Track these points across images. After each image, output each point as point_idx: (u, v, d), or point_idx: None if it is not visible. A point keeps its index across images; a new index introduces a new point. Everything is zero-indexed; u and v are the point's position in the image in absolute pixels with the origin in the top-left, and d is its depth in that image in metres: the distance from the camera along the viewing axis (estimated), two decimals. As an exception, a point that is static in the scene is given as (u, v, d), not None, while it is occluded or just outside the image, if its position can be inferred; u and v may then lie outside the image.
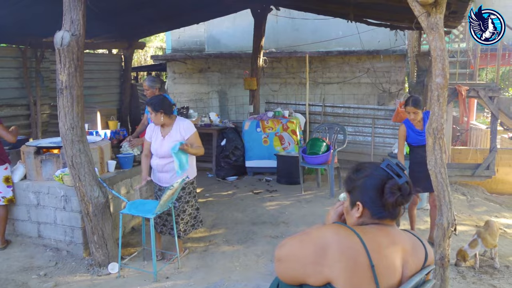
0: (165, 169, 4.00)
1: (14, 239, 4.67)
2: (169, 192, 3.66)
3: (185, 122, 4.10)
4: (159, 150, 3.97)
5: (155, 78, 5.30)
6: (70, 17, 3.79)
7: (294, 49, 10.09)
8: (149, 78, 5.28)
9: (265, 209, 5.76)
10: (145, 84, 5.16)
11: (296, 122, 7.52)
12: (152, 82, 5.13)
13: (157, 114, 3.92)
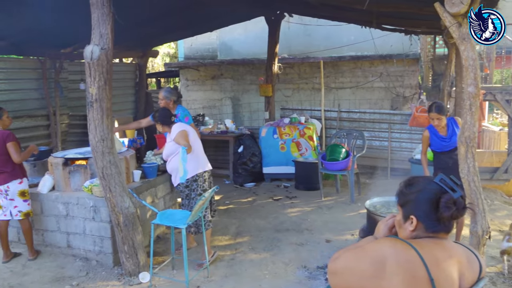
0: (169, 170, 4.53)
1: (44, 249, 4.74)
2: (200, 203, 3.71)
3: (174, 126, 4.39)
4: (163, 153, 4.54)
5: (172, 90, 5.28)
6: (99, 32, 3.86)
7: (307, 55, 10.14)
8: (166, 89, 5.29)
9: (287, 215, 5.80)
10: (161, 94, 5.18)
11: (313, 128, 7.56)
12: (168, 93, 5.15)
13: (157, 124, 4.45)
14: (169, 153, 4.38)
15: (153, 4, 5.94)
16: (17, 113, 6.77)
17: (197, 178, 4.31)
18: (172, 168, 4.44)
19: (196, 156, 4.34)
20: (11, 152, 4.37)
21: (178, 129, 4.30)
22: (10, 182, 4.42)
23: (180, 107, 5.26)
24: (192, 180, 4.30)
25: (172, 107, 5.13)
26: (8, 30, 6.16)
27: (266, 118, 8.49)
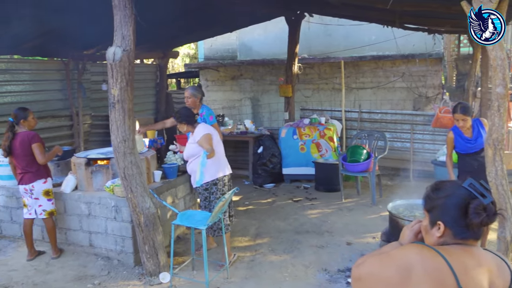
0: (189, 171, 4.49)
1: (67, 248, 4.82)
2: (221, 204, 3.71)
3: (199, 127, 4.33)
4: (184, 153, 4.48)
5: (198, 88, 5.34)
6: (121, 33, 3.89)
7: (327, 55, 10.05)
8: (192, 87, 5.32)
9: (307, 217, 5.75)
10: (188, 92, 5.15)
11: (333, 129, 7.48)
12: (195, 91, 5.16)
13: (181, 124, 4.33)
14: (190, 155, 4.36)
15: (173, 5, 5.98)
16: (41, 114, 6.90)
17: (217, 182, 4.29)
18: (192, 169, 4.42)
19: (218, 160, 4.31)
20: (36, 153, 4.45)
21: (203, 131, 4.24)
22: (34, 181, 4.51)
23: (204, 106, 5.25)
24: (212, 183, 4.28)
25: (198, 105, 5.15)
26: (33, 33, 6.28)
27: (286, 118, 8.45)
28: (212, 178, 4.26)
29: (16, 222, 5.16)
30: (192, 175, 4.46)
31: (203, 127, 4.34)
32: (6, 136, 4.46)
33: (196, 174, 4.25)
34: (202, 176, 4.17)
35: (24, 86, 6.91)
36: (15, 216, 5.17)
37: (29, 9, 5.18)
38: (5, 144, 4.44)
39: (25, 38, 6.47)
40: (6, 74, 6.61)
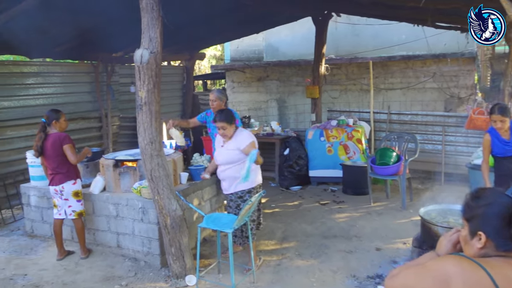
0: (224, 176, 4.20)
1: (95, 248, 4.89)
2: (247, 207, 3.66)
3: (243, 132, 4.19)
4: (218, 157, 4.20)
5: (223, 91, 5.35)
6: (149, 35, 3.90)
7: (355, 55, 9.87)
8: (218, 90, 5.33)
9: (334, 221, 5.64)
10: (214, 95, 5.14)
11: (361, 131, 7.33)
12: (220, 94, 5.17)
13: (231, 126, 4.08)
14: (228, 161, 4.10)
15: (200, 7, 6.00)
16: (72, 116, 7.04)
17: (252, 190, 4.13)
18: (228, 176, 4.15)
19: (257, 168, 4.20)
20: (68, 154, 4.52)
21: (249, 138, 4.09)
22: (64, 182, 4.58)
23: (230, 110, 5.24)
24: (247, 191, 4.11)
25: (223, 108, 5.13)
26: (65, 36, 6.42)
27: (313, 120, 8.34)
28: (248, 187, 4.11)
29: (46, 222, 5.28)
30: (227, 181, 4.19)
31: (248, 133, 4.18)
32: (39, 137, 4.56)
33: (235, 181, 4.06)
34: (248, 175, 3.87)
35: (56, 89, 7.07)
36: (46, 216, 5.28)
37: (61, 13, 5.29)
38: (37, 144, 4.53)
39: (57, 41, 6.62)
40: (39, 77, 6.78)
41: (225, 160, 4.12)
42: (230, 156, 4.09)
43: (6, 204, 6.23)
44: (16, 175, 6.27)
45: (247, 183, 4.05)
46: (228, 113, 4.15)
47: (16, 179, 6.25)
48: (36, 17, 5.12)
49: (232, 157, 4.07)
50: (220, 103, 5.08)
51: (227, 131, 4.06)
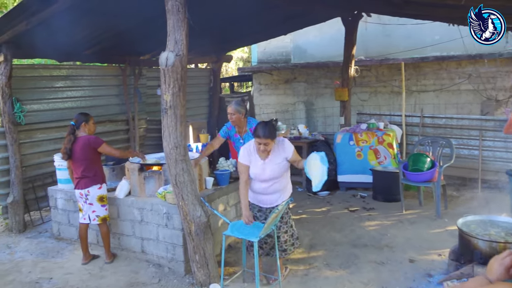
0: (270, 191, 3.86)
1: (120, 253, 4.85)
2: (274, 215, 3.52)
3: (284, 141, 3.91)
4: (262, 174, 3.78)
5: (241, 103, 5.01)
6: (174, 38, 3.82)
7: (385, 56, 9.57)
8: (236, 102, 4.97)
9: (364, 229, 5.42)
10: (232, 108, 4.83)
11: (393, 135, 7.07)
12: (239, 107, 4.86)
13: (271, 140, 3.70)
14: (279, 175, 3.82)
15: (227, 8, 5.90)
16: (99, 118, 7.08)
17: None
18: (276, 190, 3.87)
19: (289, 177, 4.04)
20: (109, 151, 4.63)
21: (291, 145, 3.85)
22: (90, 187, 4.57)
23: (251, 120, 4.99)
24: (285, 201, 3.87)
25: (243, 122, 4.88)
26: (93, 40, 6.46)
27: (342, 123, 8.12)
28: (287, 197, 3.94)
29: (73, 225, 5.29)
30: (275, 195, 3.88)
31: (287, 141, 3.91)
32: (68, 139, 4.56)
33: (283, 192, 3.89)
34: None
35: (84, 92, 7.12)
36: (72, 219, 5.30)
37: (90, 16, 5.31)
38: (66, 147, 4.53)
39: (86, 45, 6.68)
40: (68, 80, 6.84)
41: (275, 175, 3.80)
42: (280, 169, 3.79)
43: (35, 206, 6.30)
44: (45, 177, 6.34)
45: (288, 193, 3.93)
46: (272, 128, 3.74)
47: (45, 181, 6.32)
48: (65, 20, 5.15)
49: (282, 170, 3.81)
50: (239, 116, 4.83)
51: (269, 146, 3.70)
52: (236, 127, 4.96)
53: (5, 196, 5.92)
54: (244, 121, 4.88)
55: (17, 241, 5.50)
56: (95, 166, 4.62)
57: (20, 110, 5.84)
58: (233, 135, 5.04)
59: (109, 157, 5.93)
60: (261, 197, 3.93)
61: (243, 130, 4.94)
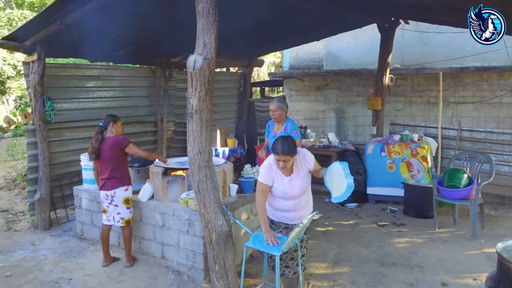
0: (300, 207, 3.65)
1: (140, 257, 4.80)
2: (298, 230, 3.36)
3: (305, 153, 3.65)
4: (291, 191, 3.55)
5: (283, 100, 5.10)
6: (203, 41, 3.75)
7: (422, 65, 9.23)
8: (278, 99, 5.10)
9: (393, 246, 5.17)
10: (274, 105, 4.96)
11: (427, 148, 6.76)
12: (282, 104, 4.99)
13: (292, 157, 3.48)
14: (306, 188, 3.66)
15: (259, 12, 5.80)
16: (128, 119, 7.11)
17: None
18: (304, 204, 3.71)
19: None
20: (136, 151, 4.60)
21: (311, 154, 3.64)
22: (117, 188, 4.54)
23: (289, 120, 5.06)
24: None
25: (284, 119, 4.98)
26: (125, 41, 6.50)
27: (373, 133, 7.86)
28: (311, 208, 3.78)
29: (96, 225, 5.29)
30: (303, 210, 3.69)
31: (307, 152, 3.65)
32: (95, 139, 4.56)
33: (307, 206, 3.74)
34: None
35: (114, 92, 7.17)
36: (95, 219, 5.30)
37: (123, 17, 5.32)
38: (94, 147, 4.53)
39: (117, 45, 6.71)
40: (99, 80, 6.91)
41: (303, 190, 3.61)
42: (305, 182, 3.60)
43: (61, 204, 6.37)
44: (72, 176, 6.40)
45: (311, 203, 3.81)
46: (291, 143, 3.45)
47: (72, 179, 6.38)
48: (98, 20, 5.18)
49: (307, 182, 3.63)
50: (281, 113, 4.95)
51: (289, 163, 3.47)
52: (276, 124, 5.07)
53: (33, 193, 6.01)
54: (284, 119, 4.98)
55: (42, 239, 5.55)
56: (122, 167, 4.60)
57: (51, 109, 5.93)
58: (270, 132, 5.13)
59: (134, 159, 5.94)
60: (290, 214, 3.68)
61: (281, 127, 5.01)
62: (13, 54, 12.42)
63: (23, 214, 6.64)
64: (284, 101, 5.04)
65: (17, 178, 8.03)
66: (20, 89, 14.71)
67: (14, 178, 8.05)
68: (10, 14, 12.89)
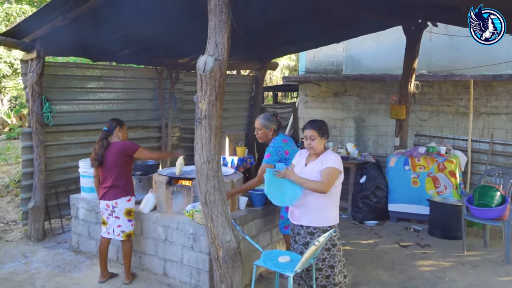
0: (299, 204, 3.77)
1: (140, 273, 4.80)
2: (313, 248, 3.34)
3: (332, 154, 3.76)
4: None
5: (271, 117, 4.75)
6: (215, 41, 3.77)
7: (451, 72, 9.17)
8: (264, 116, 4.75)
9: (417, 269, 5.11)
10: (258, 122, 4.68)
11: (456, 162, 6.71)
12: (266, 121, 4.66)
13: (321, 138, 3.74)
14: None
15: (275, 12, 5.83)
16: (131, 123, 7.13)
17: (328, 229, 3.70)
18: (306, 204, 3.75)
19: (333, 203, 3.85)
20: (148, 155, 4.75)
21: (335, 162, 3.70)
22: (119, 198, 4.54)
23: (278, 140, 4.64)
24: (323, 230, 3.71)
25: (270, 138, 4.67)
26: (131, 40, 6.56)
27: (396, 145, 7.82)
28: (330, 224, 3.76)
29: (93, 238, 5.31)
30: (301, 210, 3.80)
31: (336, 157, 3.73)
32: (100, 144, 4.57)
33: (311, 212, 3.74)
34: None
35: (117, 94, 7.23)
36: (93, 231, 5.32)
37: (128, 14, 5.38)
38: (98, 153, 4.53)
39: (122, 45, 6.78)
40: (101, 81, 6.97)
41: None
42: (312, 178, 3.66)
43: (57, 213, 6.41)
44: (69, 184, 6.45)
45: (329, 219, 3.73)
46: (322, 123, 3.84)
47: (69, 187, 6.43)
48: (102, 17, 5.25)
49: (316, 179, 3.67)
50: (266, 131, 4.65)
51: (316, 143, 3.68)
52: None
53: (26, 200, 6.05)
54: (271, 138, 4.67)
55: (34, 250, 5.58)
56: (126, 175, 4.62)
57: (49, 110, 5.98)
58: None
59: (137, 167, 5.96)
60: (292, 209, 3.91)
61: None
62: (10, 51, 12.64)
63: (15, 223, 6.71)
64: (272, 119, 4.72)
65: (9, 184, 8.12)
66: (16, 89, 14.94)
67: (6, 184, 8.14)
68: (8, 9, 13.13)
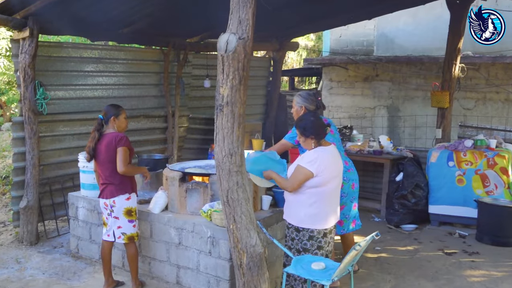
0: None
1: (149, 281, 4.88)
2: (353, 253, 3.38)
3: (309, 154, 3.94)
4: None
5: (310, 96, 4.90)
6: (238, 17, 3.80)
7: (501, 53, 9.11)
8: (303, 93, 4.97)
9: (465, 279, 5.13)
10: (295, 99, 4.91)
11: (508, 157, 6.70)
12: (300, 98, 4.87)
13: (306, 139, 3.97)
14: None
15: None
16: (133, 112, 7.21)
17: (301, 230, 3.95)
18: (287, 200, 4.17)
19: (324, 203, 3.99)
20: (118, 158, 4.45)
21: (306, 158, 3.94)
22: (116, 196, 4.57)
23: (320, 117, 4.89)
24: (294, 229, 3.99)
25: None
26: (133, 16, 6.59)
27: (438, 137, 7.82)
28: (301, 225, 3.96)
29: (95, 241, 5.39)
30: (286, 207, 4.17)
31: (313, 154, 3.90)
32: (92, 136, 4.62)
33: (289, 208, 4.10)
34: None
35: (117, 79, 7.28)
36: (94, 234, 5.40)
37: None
38: (90, 146, 4.58)
39: (123, 22, 6.83)
40: (99, 64, 7.01)
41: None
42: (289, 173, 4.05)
43: (51, 214, 6.50)
44: (65, 180, 6.53)
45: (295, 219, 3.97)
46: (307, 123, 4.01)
47: (64, 184, 6.52)
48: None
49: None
50: (298, 110, 4.86)
51: (302, 142, 4.04)
52: None
53: (18, 199, 6.13)
54: None
55: (28, 255, 5.68)
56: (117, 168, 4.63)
57: (43, 97, 6.03)
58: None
59: (142, 160, 6.03)
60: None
61: None
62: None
63: (3, 225, 6.83)
64: (310, 97, 4.89)
65: (-5, 181, 8.24)
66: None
67: (-9, 181, 8.26)
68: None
